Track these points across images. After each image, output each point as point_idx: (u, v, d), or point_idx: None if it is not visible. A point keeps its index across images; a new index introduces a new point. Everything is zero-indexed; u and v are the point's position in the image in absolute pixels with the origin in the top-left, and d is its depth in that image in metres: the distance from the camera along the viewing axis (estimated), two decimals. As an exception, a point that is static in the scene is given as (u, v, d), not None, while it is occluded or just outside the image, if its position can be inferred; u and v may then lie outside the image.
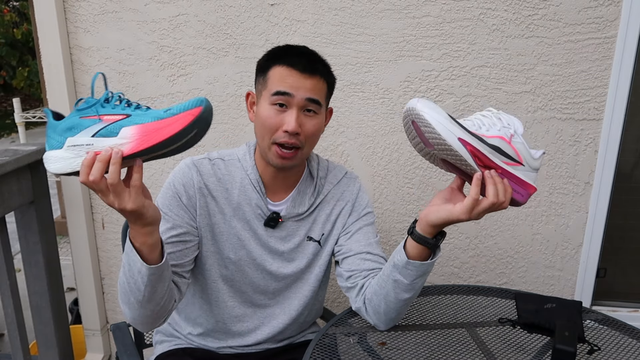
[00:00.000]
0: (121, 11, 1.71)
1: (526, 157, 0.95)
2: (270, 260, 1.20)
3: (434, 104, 0.89)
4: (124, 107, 0.82)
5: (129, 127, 0.80)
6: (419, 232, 1.00)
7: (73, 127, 0.81)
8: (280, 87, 1.06)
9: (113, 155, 0.79)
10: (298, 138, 1.07)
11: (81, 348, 2.02)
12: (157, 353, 1.28)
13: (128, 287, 0.95)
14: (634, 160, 1.77)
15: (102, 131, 0.81)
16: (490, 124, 0.93)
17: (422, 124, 0.88)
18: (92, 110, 0.81)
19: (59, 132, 0.82)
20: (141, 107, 0.83)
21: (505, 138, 0.92)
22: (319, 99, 1.09)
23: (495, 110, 0.98)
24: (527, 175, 0.96)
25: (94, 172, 0.79)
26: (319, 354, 1.04)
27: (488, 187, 0.91)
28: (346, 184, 1.25)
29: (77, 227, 1.89)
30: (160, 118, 0.80)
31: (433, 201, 1.00)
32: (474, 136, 0.89)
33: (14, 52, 8.35)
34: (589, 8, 1.56)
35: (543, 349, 1.08)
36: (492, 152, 0.91)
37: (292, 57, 1.09)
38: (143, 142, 0.79)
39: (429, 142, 0.90)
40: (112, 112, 0.82)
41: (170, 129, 0.79)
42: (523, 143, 0.94)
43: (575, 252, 1.78)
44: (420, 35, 1.63)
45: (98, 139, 0.81)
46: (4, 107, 9.46)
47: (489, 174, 0.91)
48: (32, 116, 2.61)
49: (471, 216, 0.92)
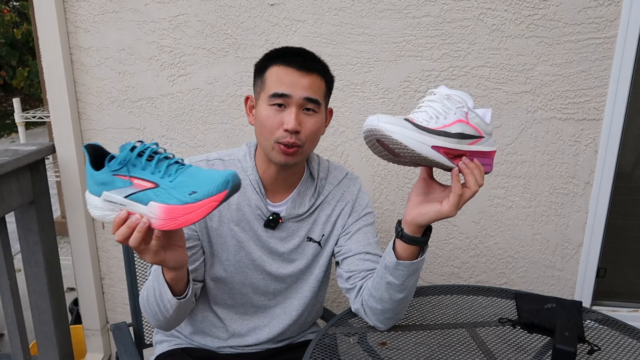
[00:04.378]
0: (121, 11, 1.71)
1: (483, 128, 0.95)
2: (270, 261, 1.20)
3: (392, 118, 0.87)
4: (153, 171, 0.83)
5: (156, 204, 0.82)
6: (408, 234, 1.00)
7: (107, 182, 0.83)
8: (278, 89, 1.06)
9: (140, 224, 0.82)
10: (298, 137, 1.07)
11: (81, 348, 2.02)
12: (157, 353, 1.28)
13: (157, 308, 1.03)
14: (634, 160, 1.77)
15: (133, 195, 0.83)
16: (445, 110, 0.92)
17: (390, 142, 0.86)
18: (124, 170, 0.83)
19: (95, 182, 0.84)
20: (170, 172, 0.83)
21: (463, 120, 0.92)
22: (317, 98, 1.08)
23: (435, 88, 0.97)
24: (488, 143, 0.96)
25: (120, 233, 0.83)
26: (319, 354, 1.04)
27: (467, 178, 0.92)
28: (346, 185, 1.25)
29: (77, 227, 1.88)
30: (185, 203, 0.81)
31: (412, 199, 0.99)
32: (440, 135, 0.89)
33: (14, 52, 8.35)
34: (589, 8, 1.56)
35: (543, 349, 1.08)
36: (458, 141, 0.91)
37: (288, 56, 1.09)
38: (169, 224, 0.82)
39: (400, 155, 0.89)
40: (141, 175, 0.83)
41: (194, 215, 0.81)
42: (477, 115, 0.94)
43: (575, 252, 1.78)
44: (420, 35, 1.63)
45: (130, 202, 0.83)
46: (4, 107, 9.46)
47: (463, 165, 0.91)
48: (32, 116, 2.61)
49: (458, 209, 0.94)
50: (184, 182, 0.82)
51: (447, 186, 0.98)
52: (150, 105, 1.79)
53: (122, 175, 0.83)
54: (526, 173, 1.71)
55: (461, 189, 0.92)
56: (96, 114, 1.82)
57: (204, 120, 1.78)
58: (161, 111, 1.79)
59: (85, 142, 1.84)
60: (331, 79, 1.15)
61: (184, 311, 1.05)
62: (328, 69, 1.14)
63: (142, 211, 0.82)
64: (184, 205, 0.81)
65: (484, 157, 0.96)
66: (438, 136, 0.89)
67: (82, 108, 1.82)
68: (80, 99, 1.81)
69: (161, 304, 1.01)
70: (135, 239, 0.82)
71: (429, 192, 0.99)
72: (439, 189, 0.99)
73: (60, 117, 1.79)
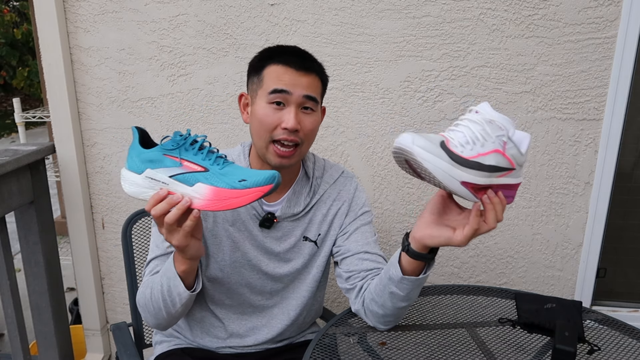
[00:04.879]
0: (121, 11, 1.71)
1: (517, 160, 0.89)
2: (266, 261, 1.19)
3: (427, 142, 0.83)
4: (204, 158, 0.88)
5: (204, 185, 0.86)
6: (415, 250, 0.98)
7: (155, 160, 0.88)
8: (277, 85, 1.06)
9: (182, 202, 0.86)
10: (297, 135, 1.08)
11: (81, 348, 2.02)
12: (157, 353, 1.28)
13: (163, 304, 1.04)
14: (634, 160, 1.77)
15: (179, 176, 0.87)
16: (484, 136, 0.86)
17: (419, 167, 0.83)
18: (176, 152, 0.88)
19: (141, 159, 0.88)
20: (219, 162, 0.89)
21: (500, 150, 0.86)
22: (315, 96, 1.09)
23: (478, 105, 0.90)
24: (517, 175, 0.92)
25: (158, 208, 0.87)
26: (319, 354, 1.04)
27: (488, 214, 0.88)
28: (342, 184, 1.24)
29: (77, 227, 1.88)
30: (234, 188, 0.86)
31: (425, 216, 0.96)
32: (472, 167, 0.84)
33: (14, 52, 8.35)
34: (589, 8, 1.56)
35: (543, 349, 1.08)
36: (489, 175, 0.86)
37: (286, 55, 1.09)
38: (213, 205, 0.86)
39: (426, 179, 0.87)
40: (193, 159, 0.88)
41: (240, 200, 0.86)
42: (515, 146, 0.89)
43: (575, 252, 1.78)
44: (420, 35, 1.63)
45: (174, 182, 0.88)
46: (4, 107, 9.46)
47: (487, 200, 0.88)
48: (32, 116, 2.61)
49: (470, 241, 0.91)
50: (232, 172, 0.88)
51: (464, 209, 0.95)
52: (150, 105, 1.79)
53: (173, 157, 0.87)
54: (526, 173, 1.71)
55: (479, 223, 0.89)
56: (96, 114, 1.82)
57: (204, 120, 1.78)
58: (161, 111, 1.79)
59: (86, 142, 1.84)
60: (326, 78, 1.16)
61: (186, 307, 1.07)
62: (323, 68, 1.15)
63: (186, 191, 0.87)
64: (233, 189, 0.86)
65: (508, 189, 0.91)
66: (470, 169, 0.84)
67: (82, 108, 1.82)
68: (80, 99, 1.81)
69: (168, 299, 1.03)
70: (173, 215, 0.86)
71: (445, 213, 0.96)
72: (456, 211, 0.96)
73: (60, 117, 1.79)
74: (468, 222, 0.89)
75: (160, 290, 1.03)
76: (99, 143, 1.84)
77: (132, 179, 0.89)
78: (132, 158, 0.89)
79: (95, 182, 1.88)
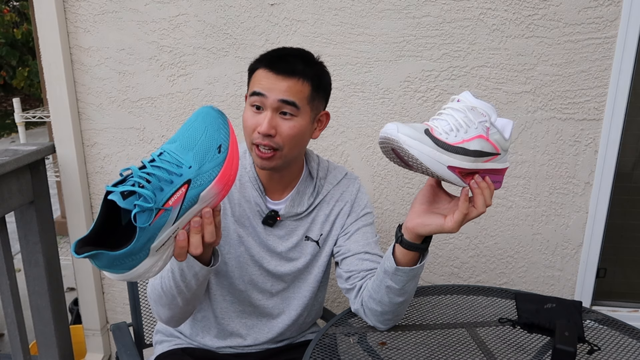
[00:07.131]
0: (121, 11, 1.71)
1: (501, 145, 0.92)
2: (268, 259, 1.20)
3: (411, 130, 0.84)
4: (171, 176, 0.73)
5: (206, 189, 0.76)
6: (408, 240, 0.99)
7: (150, 237, 0.73)
8: (256, 88, 1.08)
9: (207, 216, 0.79)
10: (272, 140, 1.07)
11: (81, 348, 2.02)
12: (157, 353, 1.28)
13: (177, 290, 1.01)
14: (634, 160, 1.77)
15: (180, 212, 0.75)
16: (467, 123, 0.89)
17: (405, 155, 0.85)
18: (153, 211, 0.72)
19: (136, 250, 0.72)
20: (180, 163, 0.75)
21: (483, 136, 0.89)
22: (294, 101, 1.06)
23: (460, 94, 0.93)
24: (503, 160, 0.94)
25: (194, 245, 0.79)
26: (319, 354, 1.04)
27: (476, 198, 0.90)
28: (346, 185, 1.25)
29: (77, 227, 1.88)
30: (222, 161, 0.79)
31: (416, 206, 0.98)
32: (457, 152, 0.86)
33: (14, 52, 8.35)
34: (589, 8, 1.56)
35: (543, 349, 1.08)
36: (475, 160, 0.88)
37: (273, 59, 1.09)
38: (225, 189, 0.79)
39: (413, 167, 0.88)
40: (172, 191, 0.73)
41: (235, 162, 0.80)
42: (497, 131, 0.91)
43: (575, 252, 1.78)
44: (420, 35, 1.63)
45: (181, 219, 0.76)
46: (4, 107, 9.45)
47: (475, 184, 0.90)
48: (32, 116, 2.61)
49: (461, 227, 0.93)
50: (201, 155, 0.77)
51: (454, 197, 0.97)
52: (150, 105, 1.79)
53: (157, 215, 0.72)
54: (526, 173, 1.71)
55: (468, 208, 0.91)
56: (96, 114, 1.82)
57: (204, 120, 1.78)
58: (161, 111, 1.79)
59: (86, 142, 1.84)
60: (321, 83, 1.12)
61: (201, 289, 1.03)
62: (319, 72, 1.12)
63: (196, 209, 0.78)
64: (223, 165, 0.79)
65: (496, 174, 0.93)
66: (455, 154, 0.86)
67: (82, 108, 1.82)
68: (80, 99, 1.81)
69: (182, 284, 0.99)
70: (210, 232, 0.80)
71: (435, 202, 0.98)
72: (446, 199, 0.98)
73: (60, 117, 1.79)
74: (458, 208, 0.91)
75: (172, 277, 1.00)
76: (99, 143, 1.84)
77: (146, 268, 0.74)
78: (128, 260, 0.72)
79: (95, 182, 1.88)
